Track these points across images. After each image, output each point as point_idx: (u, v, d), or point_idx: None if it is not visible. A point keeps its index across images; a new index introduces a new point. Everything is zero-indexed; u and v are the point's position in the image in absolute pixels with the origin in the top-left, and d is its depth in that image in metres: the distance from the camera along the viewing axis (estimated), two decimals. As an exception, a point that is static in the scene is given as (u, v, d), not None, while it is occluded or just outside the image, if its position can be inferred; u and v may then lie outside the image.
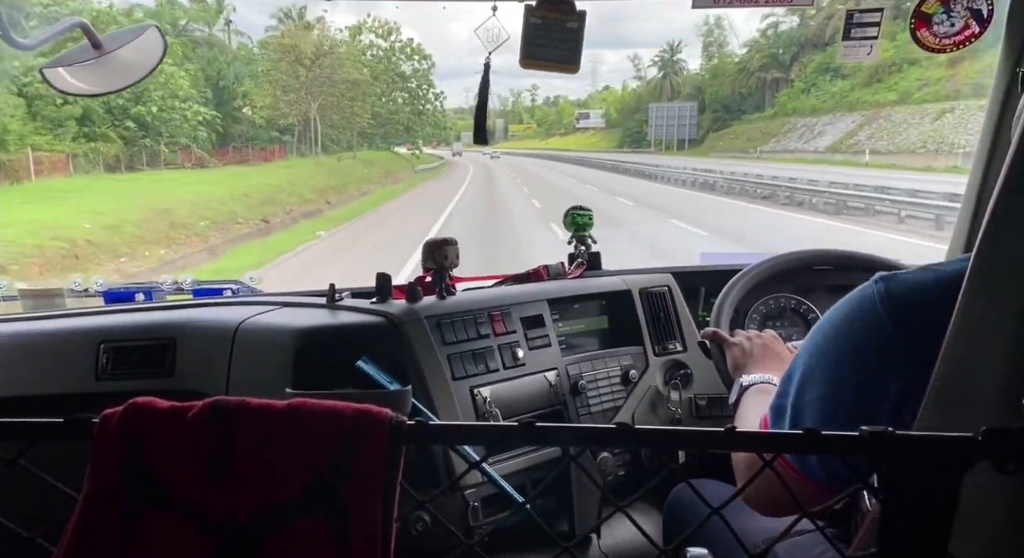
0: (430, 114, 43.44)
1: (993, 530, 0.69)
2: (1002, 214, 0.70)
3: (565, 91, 75.43)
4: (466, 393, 1.45)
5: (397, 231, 15.50)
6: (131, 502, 0.54)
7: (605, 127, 61.07)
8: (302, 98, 31.75)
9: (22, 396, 1.60)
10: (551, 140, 69.67)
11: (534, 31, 1.49)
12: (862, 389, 0.82)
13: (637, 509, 1.67)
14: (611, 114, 61.81)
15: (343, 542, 0.52)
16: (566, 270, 1.91)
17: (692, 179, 25.79)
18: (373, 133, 37.92)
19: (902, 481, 0.50)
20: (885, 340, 0.80)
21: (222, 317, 1.61)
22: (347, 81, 34.23)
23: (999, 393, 0.69)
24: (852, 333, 0.84)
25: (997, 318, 0.70)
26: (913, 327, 0.78)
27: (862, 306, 0.83)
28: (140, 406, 0.56)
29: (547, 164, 45.56)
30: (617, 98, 63.10)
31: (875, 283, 0.83)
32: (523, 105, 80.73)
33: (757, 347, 1.33)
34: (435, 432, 0.57)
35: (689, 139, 48.59)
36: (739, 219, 15.80)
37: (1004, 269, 0.70)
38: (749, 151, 41.10)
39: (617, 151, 53.50)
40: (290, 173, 24.10)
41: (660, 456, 1.53)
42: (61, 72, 1.30)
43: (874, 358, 0.81)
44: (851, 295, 0.86)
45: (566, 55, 1.52)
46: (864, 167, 27.74)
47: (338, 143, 34.77)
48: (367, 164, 32.25)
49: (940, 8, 1.54)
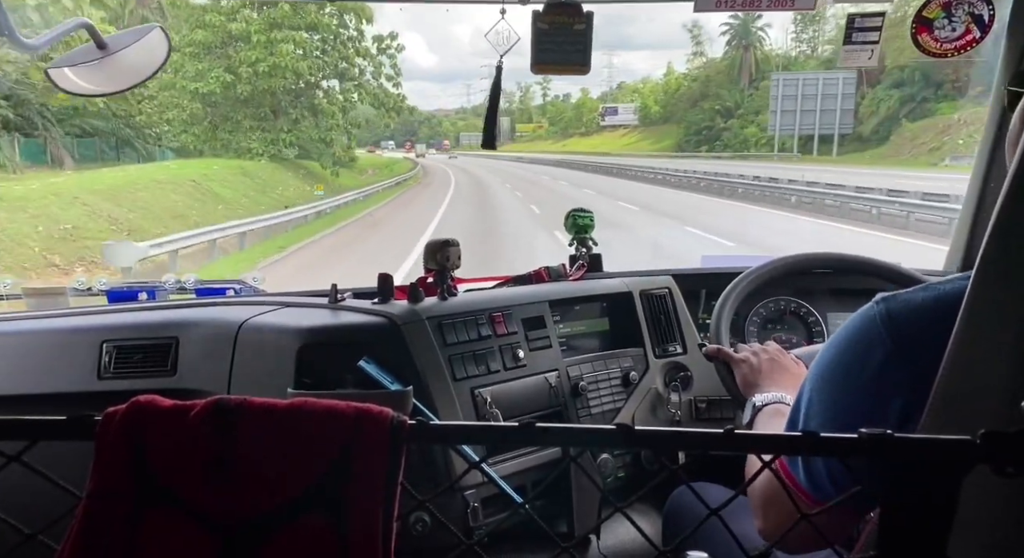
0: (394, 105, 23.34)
1: (992, 533, 0.69)
2: (1005, 226, 0.70)
3: (582, 83, 61.77)
4: (467, 394, 1.45)
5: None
6: (133, 501, 0.54)
7: (639, 124, 45.96)
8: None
9: (24, 394, 1.61)
10: (569, 142, 56.14)
11: (543, 36, 1.51)
12: (865, 411, 0.83)
13: (637, 510, 1.67)
14: (649, 108, 45.73)
15: (344, 541, 0.53)
16: (567, 272, 1.91)
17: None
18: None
19: (901, 484, 0.50)
20: (887, 359, 0.81)
21: (224, 316, 1.61)
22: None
23: (1000, 401, 0.69)
24: (855, 355, 0.85)
25: (999, 328, 0.71)
26: (914, 346, 0.80)
27: (863, 327, 0.85)
28: (142, 405, 0.56)
29: (572, 177, 28.95)
30: (657, 88, 48.02)
31: (876, 305, 0.84)
32: (532, 102, 67.98)
33: (765, 363, 1.32)
34: (436, 432, 0.57)
35: (841, 135, 24.58)
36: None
37: (1006, 280, 0.71)
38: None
39: (675, 155, 35.32)
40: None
41: (660, 458, 1.53)
42: (66, 72, 1.30)
43: (876, 379, 0.82)
44: (853, 318, 0.87)
45: (576, 57, 1.53)
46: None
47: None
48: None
49: (942, 13, 1.54)
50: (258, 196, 17.90)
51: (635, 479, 1.68)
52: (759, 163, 26.60)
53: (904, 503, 0.50)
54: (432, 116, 73.10)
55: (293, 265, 11.57)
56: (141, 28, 1.36)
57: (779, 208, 15.43)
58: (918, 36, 1.57)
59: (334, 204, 17.73)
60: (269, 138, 20.94)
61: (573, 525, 1.54)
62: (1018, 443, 0.47)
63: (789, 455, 0.85)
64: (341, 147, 23.49)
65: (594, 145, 50.58)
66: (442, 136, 63.62)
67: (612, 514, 0.55)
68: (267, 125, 21.13)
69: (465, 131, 65.21)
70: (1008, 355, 0.69)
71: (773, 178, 17.83)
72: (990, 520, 0.67)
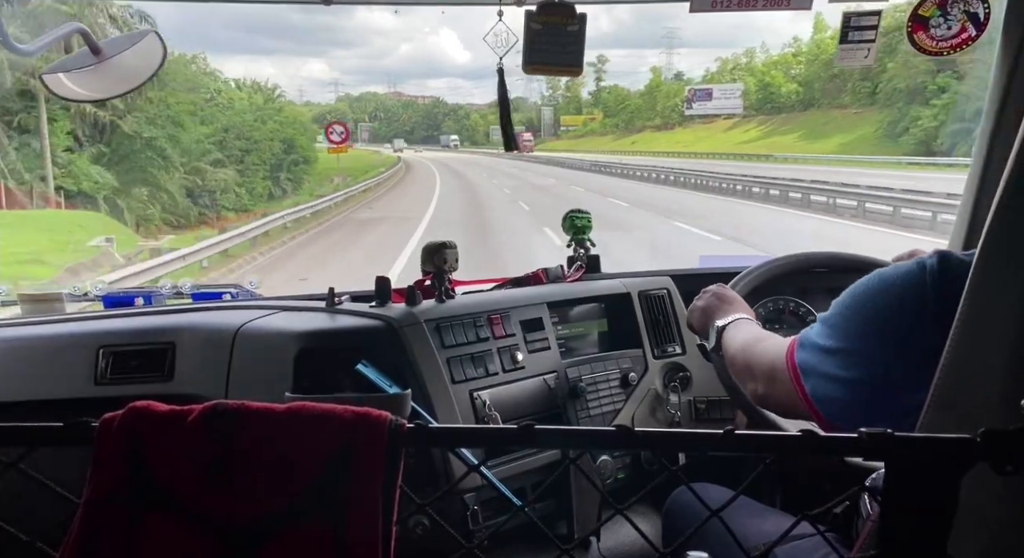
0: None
1: (992, 530, 0.69)
2: (1003, 219, 0.70)
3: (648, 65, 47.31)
4: (465, 396, 1.45)
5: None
6: (132, 506, 0.54)
7: (744, 112, 29.52)
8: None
9: (21, 401, 1.60)
10: (638, 137, 38.65)
11: (536, 36, 1.50)
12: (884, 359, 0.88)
13: (636, 512, 1.67)
14: (776, 87, 30.45)
15: (342, 545, 0.52)
16: (565, 273, 1.91)
17: None
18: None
19: (902, 482, 0.50)
20: (923, 315, 0.84)
21: (221, 321, 1.61)
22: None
23: (1001, 397, 0.69)
24: (892, 297, 0.88)
25: (999, 323, 0.71)
26: (957, 295, 0.81)
27: (910, 276, 0.87)
28: (139, 410, 0.56)
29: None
30: (787, 60, 31.73)
31: (929, 256, 0.86)
32: (582, 88, 50.35)
33: (710, 298, 1.39)
34: (434, 435, 0.57)
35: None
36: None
37: (1005, 275, 0.71)
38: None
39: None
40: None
41: (659, 459, 1.53)
42: (61, 77, 1.30)
43: (909, 329, 0.85)
44: (899, 264, 0.91)
45: (569, 58, 1.53)
46: None
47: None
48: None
49: (937, 11, 1.55)
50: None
51: (635, 480, 1.68)
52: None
53: (904, 502, 0.50)
54: (459, 107, 64.16)
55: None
56: (136, 33, 1.36)
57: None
58: (914, 34, 1.57)
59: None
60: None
61: (573, 527, 1.53)
62: (1018, 441, 0.47)
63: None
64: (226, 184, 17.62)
65: (684, 141, 33.01)
66: (470, 130, 55.00)
67: (612, 516, 0.55)
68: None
69: (496, 125, 61.43)
70: (1007, 351, 0.69)
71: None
72: (990, 518, 0.67)
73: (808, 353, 0.98)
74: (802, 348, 0.99)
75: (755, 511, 1.32)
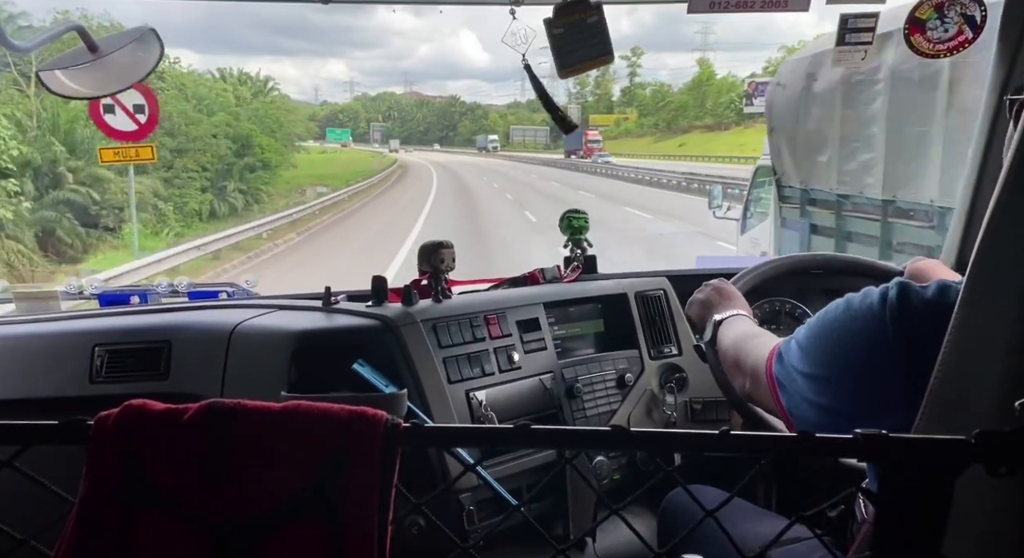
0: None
1: (987, 532, 0.69)
2: (998, 226, 0.71)
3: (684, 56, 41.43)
4: (461, 396, 1.45)
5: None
6: (127, 504, 0.54)
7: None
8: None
9: (16, 399, 1.59)
10: (685, 138, 32.89)
11: (560, 41, 1.50)
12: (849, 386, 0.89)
13: (632, 513, 1.67)
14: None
15: (338, 544, 0.52)
16: (561, 273, 1.91)
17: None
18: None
19: (896, 483, 0.50)
20: (884, 350, 0.84)
21: (218, 320, 1.61)
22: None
23: (995, 400, 0.69)
24: (854, 331, 0.88)
25: (994, 327, 0.71)
26: (914, 336, 0.82)
27: (872, 314, 0.86)
28: (135, 409, 0.56)
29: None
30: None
31: (891, 287, 0.86)
32: (612, 84, 45.00)
33: (711, 292, 1.41)
34: (430, 434, 0.57)
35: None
36: None
37: (1001, 279, 0.71)
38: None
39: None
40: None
41: (655, 459, 1.53)
42: (58, 74, 1.30)
43: (870, 364, 0.86)
44: (868, 292, 0.90)
45: (598, 48, 1.52)
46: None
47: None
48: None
49: (934, 14, 1.55)
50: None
51: (630, 481, 1.68)
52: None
53: (899, 503, 0.50)
54: (477, 106, 61.99)
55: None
56: (133, 31, 1.35)
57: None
58: (911, 37, 1.58)
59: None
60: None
61: (569, 527, 1.53)
62: (1012, 443, 0.48)
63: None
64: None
65: (752, 144, 23.35)
66: (488, 130, 51.93)
67: (608, 516, 0.55)
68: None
69: (516, 124, 51.39)
70: (1002, 355, 0.70)
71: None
72: (985, 519, 0.67)
73: (784, 370, 0.99)
74: (779, 362, 1.00)
75: (750, 514, 1.32)
